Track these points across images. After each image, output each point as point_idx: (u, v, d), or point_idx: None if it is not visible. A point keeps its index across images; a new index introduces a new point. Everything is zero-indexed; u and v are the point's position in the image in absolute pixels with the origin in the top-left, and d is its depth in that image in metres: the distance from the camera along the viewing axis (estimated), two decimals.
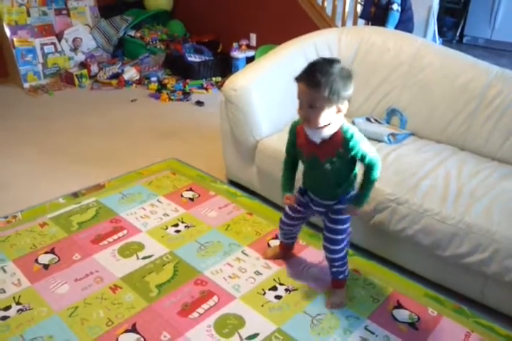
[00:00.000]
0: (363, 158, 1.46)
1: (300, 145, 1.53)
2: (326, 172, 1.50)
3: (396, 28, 3.02)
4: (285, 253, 1.95)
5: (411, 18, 3.15)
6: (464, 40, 5.53)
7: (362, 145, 1.44)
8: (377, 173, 1.50)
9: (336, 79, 1.31)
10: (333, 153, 1.45)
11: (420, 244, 1.76)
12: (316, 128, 1.41)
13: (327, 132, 1.43)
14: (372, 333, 1.62)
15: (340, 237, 1.63)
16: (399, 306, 1.73)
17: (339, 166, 1.48)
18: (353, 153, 1.44)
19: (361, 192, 1.54)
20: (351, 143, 1.42)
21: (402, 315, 1.69)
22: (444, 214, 1.70)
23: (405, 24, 3.07)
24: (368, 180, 1.51)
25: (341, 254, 1.65)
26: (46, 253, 1.96)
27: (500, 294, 1.68)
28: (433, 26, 4.16)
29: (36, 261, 1.92)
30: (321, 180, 1.56)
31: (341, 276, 1.72)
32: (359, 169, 1.55)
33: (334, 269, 1.70)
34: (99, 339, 1.56)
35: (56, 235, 2.07)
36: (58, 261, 1.92)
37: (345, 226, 1.62)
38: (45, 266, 1.89)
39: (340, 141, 1.43)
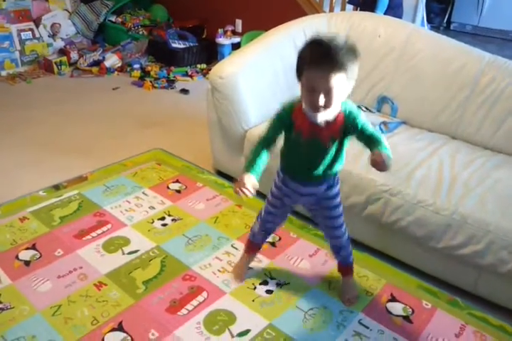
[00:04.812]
0: (363, 131, 1.34)
1: (299, 128, 1.38)
2: (325, 153, 1.39)
3: (385, 13, 2.96)
4: (251, 260, 1.81)
5: (401, 4, 3.10)
6: (452, 26, 5.49)
7: (362, 117, 1.35)
8: (387, 148, 1.31)
9: (347, 54, 1.19)
10: (336, 132, 1.35)
11: (414, 236, 1.73)
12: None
13: (334, 112, 1.32)
14: (367, 327, 1.59)
15: (341, 220, 1.58)
16: (393, 299, 1.70)
17: (338, 144, 1.39)
18: (358, 124, 1.32)
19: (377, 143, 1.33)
20: (354, 114, 1.33)
21: (396, 308, 1.67)
22: (437, 205, 1.67)
23: (394, 10, 3.02)
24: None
25: (347, 234, 1.61)
26: (27, 249, 1.88)
27: (494, 285, 1.67)
28: (421, 12, 4.11)
29: (17, 257, 1.84)
30: (315, 162, 1.42)
31: (351, 258, 1.66)
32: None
33: (344, 252, 1.64)
34: (84, 339, 1.50)
35: (37, 230, 1.99)
36: (40, 257, 1.85)
37: (341, 208, 1.56)
38: (27, 263, 1.81)
39: (342, 118, 1.33)
